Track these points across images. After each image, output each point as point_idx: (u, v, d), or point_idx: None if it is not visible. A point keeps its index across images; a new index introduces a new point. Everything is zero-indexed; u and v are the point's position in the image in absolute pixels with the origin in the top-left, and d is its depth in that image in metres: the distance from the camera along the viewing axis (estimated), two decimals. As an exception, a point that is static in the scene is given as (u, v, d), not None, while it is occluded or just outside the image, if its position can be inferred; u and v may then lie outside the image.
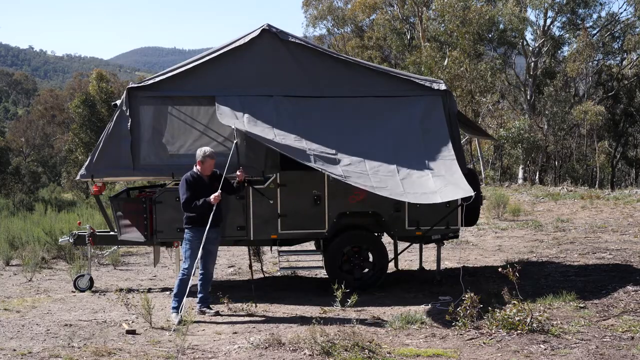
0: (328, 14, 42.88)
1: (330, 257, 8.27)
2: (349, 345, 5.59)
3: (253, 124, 7.61)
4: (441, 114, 8.09)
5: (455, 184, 7.26)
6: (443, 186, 7.25)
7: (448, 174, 7.44)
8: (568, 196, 20.04)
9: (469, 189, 7.08)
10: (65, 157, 44.65)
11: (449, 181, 7.32)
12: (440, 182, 7.31)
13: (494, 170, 37.40)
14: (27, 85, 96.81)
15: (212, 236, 7.00)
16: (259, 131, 7.50)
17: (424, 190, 7.25)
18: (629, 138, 38.81)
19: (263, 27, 8.16)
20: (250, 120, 7.65)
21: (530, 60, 35.70)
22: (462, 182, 7.24)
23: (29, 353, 5.74)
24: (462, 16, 31.58)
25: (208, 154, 7.01)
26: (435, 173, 7.47)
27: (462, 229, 9.43)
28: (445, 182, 7.31)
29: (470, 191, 7.02)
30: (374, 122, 8.07)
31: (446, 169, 7.53)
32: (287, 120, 7.80)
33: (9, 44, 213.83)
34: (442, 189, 7.20)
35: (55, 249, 11.73)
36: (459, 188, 7.17)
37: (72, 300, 8.24)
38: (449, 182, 7.31)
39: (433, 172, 7.49)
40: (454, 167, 7.53)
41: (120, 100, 8.08)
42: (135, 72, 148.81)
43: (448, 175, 7.42)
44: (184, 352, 5.65)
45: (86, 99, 38.58)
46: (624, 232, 13.07)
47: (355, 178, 7.22)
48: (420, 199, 7.26)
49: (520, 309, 6.13)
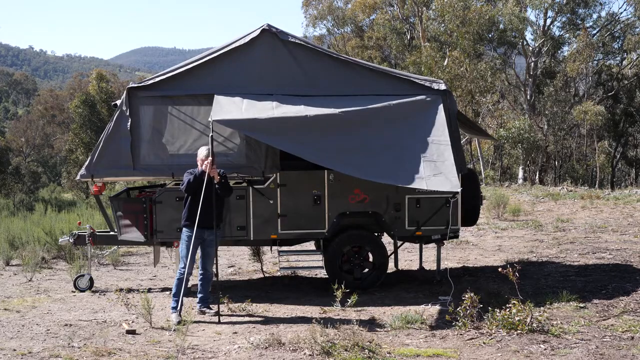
0: (328, 14, 42.87)
1: (330, 257, 8.27)
2: (349, 345, 5.60)
3: (251, 106, 7.57)
4: (441, 113, 8.07)
5: (444, 174, 7.12)
6: (432, 175, 7.12)
7: (440, 160, 7.27)
8: (568, 196, 20.05)
9: (456, 183, 6.98)
10: (65, 157, 44.67)
11: (439, 169, 7.17)
12: (430, 169, 7.17)
13: (494, 170, 37.39)
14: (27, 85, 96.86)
15: (210, 237, 7.01)
16: (256, 112, 7.41)
17: (412, 173, 7.14)
18: (629, 138, 38.80)
19: (263, 27, 8.15)
20: (249, 104, 7.62)
21: (530, 60, 35.70)
22: (451, 174, 7.10)
23: (29, 353, 5.74)
24: (462, 16, 31.58)
25: (206, 155, 7.03)
26: (426, 157, 7.31)
27: (462, 229, 9.43)
28: (435, 170, 7.16)
29: (457, 187, 6.94)
30: (372, 118, 8.02)
31: (439, 154, 7.35)
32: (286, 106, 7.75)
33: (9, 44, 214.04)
34: (430, 177, 7.09)
35: (55, 249, 11.73)
36: (447, 180, 7.05)
37: (72, 300, 8.24)
38: (439, 170, 7.17)
39: (425, 156, 7.33)
40: (447, 154, 7.35)
41: (120, 100, 8.07)
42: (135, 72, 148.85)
43: (439, 162, 7.25)
44: (184, 352, 5.65)
45: (86, 99, 38.62)
46: (624, 232, 13.07)
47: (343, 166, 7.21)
48: (406, 182, 7.13)
49: (520, 309, 6.13)
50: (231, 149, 7.96)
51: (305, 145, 7.25)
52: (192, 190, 6.85)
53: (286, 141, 7.26)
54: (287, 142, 7.26)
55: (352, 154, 7.33)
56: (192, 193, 6.88)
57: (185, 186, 6.89)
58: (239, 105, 7.61)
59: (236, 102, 7.66)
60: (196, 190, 6.78)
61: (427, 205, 8.26)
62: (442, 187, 7.11)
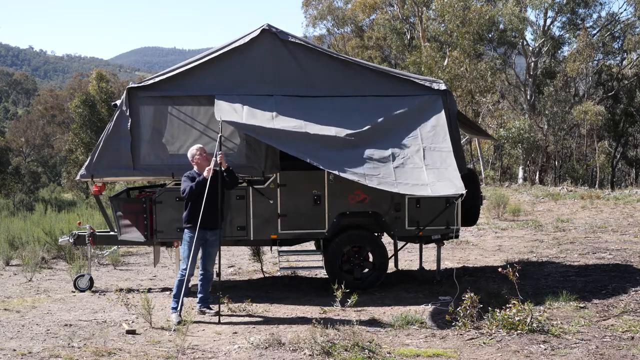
0: (328, 14, 42.84)
1: (330, 257, 8.28)
2: (349, 345, 5.60)
3: (252, 116, 7.60)
4: (441, 113, 8.08)
5: (449, 179, 7.19)
6: (436, 180, 7.18)
7: (442, 167, 7.35)
8: (568, 196, 20.04)
9: (461, 186, 7.01)
10: (65, 157, 44.70)
11: (443, 175, 7.24)
12: (434, 176, 7.24)
13: (494, 170, 37.39)
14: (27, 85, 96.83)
15: (211, 238, 7.01)
16: (257, 122, 7.46)
17: (416, 182, 7.21)
18: (629, 138, 38.80)
19: (263, 27, 8.15)
20: (249, 112, 7.64)
21: (530, 60, 35.70)
22: (455, 178, 7.16)
23: (29, 353, 5.74)
24: (462, 16, 31.58)
25: (197, 148, 7.06)
26: (430, 166, 7.39)
27: (462, 229, 9.43)
28: (439, 176, 7.23)
29: (462, 189, 6.97)
30: (373, 119, 8.04)
31: (441, 161, 7.44)
32: (287, 113, 7.77)
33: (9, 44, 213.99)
34: (434, 183, 7.15)
35: (55, 249, 11.74)
36: (452, 184, 7.11)
37: (72, 300, 8.24)
38: (442, 176, 7.23)
39: (428, 165, 7.41)
40: (449, 160, 7.44)
41: (120, 100, 8.07)
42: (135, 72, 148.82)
43: (442, 169, 7.33)
44: (184, 352, 5.65)
45: (86, 99, 38.62)
46: (624, 232, 13.07)
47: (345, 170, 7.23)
48: (411, 190, 7.21)
49: (520, 309, 6.13)
50: (231, 149, 7.96)
51: (311, 155, 7.27)
52: (194, 197, 6.85)
53: (293, 148, 7.31)
54: (294, 149, 7.30)
55: (357, 164, 7.35)
56: (194, 198, 6.88)
57: (187, 193, 6.86)
58: (239, 113, 7.63)
59: (237, 110, 7.67)
60: (198, 195, 6.79)
61: (427, 205, 8.26)
62: (447, 192, 7.15)
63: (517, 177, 34.09)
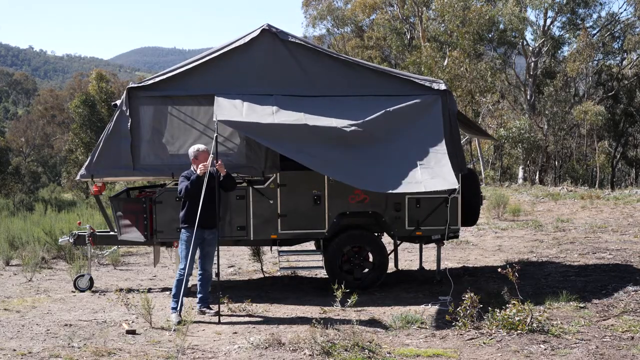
0: (328, 14, 42.83)
1: (330, 257, 8.28)
2: (349, 345, 5.60)
3: (252, 111, 7.59)
4: (440, 113, 8.07)
5: (442, 176, 7.21)
6: (429, 178, 7.20)
7: (437, 167, 7.37)
8: (568, 196, 20.04)
9: (454, 181, 7.06)
10: (65, 157, 44.68)
11: (436, 173, 7.26)
12: (427, 174, 7.26)
13: (494, 170, 37.38)
14: (27, 85, 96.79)
15: (209, 237, 7.01)
16: (257, 117, 7.44)
17: (410, 180, 7.21)
18: (629, 138, 38.83)
19: (263, 27, 8.15)
20: (249, 108, 7.64)
21: (530, 60, 35.71)
22: (448, 175, 7.18)
23: (29, 353, 5.74)
24: (462, 16, 31.59)
25: (202, 150, 7.04)
26: (424, 165, 7.40)
27: (462, 229, 9.43)
28: (432, 174, 7.26)
29: (455, 184, 7.05)
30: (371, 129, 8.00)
31: (436, 162, 7.44)
32: (286, 110, 7.76)
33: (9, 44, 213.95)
34: (427, 180, 7.17)
35: (55, 249, 11.73)
36: (444, 180, 7.14)
37: (72, 300, 8.24)
38: (435, 174, 7.25)
39: (422, 164, 7.41)
40: (444, 160, 7.44)
41: (120, 100, 8.07)
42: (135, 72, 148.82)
43: (437, 168, 7.34)
44: (184, 352, 5.65)
45: (86, 99, 38.61)
46: (624, 232, 13.07)
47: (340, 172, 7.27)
48: (405, 188, 7.19)
49: (520, 309, 6.13)
50: (231, 149, 7.96)
51: (306, 154, 7.25)
52: (190, 196, 6.85)
53: (289, 148, 7.29)
54: (289, 149, 7.28)
55: (352, 163, 7.36)
56: (191, 197, 6.88)
57: (183, 193, 6.86)
58: (239, 109, 7.62)
59: (237, 106, 7.66)
60: (195, 194, 6.78)
61: (427, 205, 8.26)
62: (440, 187, 7.20)
63: (517, 177, 34.10)
